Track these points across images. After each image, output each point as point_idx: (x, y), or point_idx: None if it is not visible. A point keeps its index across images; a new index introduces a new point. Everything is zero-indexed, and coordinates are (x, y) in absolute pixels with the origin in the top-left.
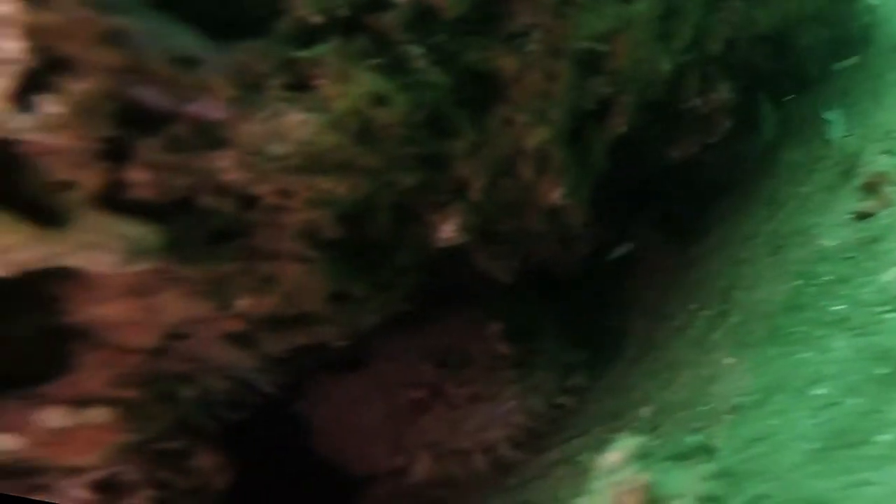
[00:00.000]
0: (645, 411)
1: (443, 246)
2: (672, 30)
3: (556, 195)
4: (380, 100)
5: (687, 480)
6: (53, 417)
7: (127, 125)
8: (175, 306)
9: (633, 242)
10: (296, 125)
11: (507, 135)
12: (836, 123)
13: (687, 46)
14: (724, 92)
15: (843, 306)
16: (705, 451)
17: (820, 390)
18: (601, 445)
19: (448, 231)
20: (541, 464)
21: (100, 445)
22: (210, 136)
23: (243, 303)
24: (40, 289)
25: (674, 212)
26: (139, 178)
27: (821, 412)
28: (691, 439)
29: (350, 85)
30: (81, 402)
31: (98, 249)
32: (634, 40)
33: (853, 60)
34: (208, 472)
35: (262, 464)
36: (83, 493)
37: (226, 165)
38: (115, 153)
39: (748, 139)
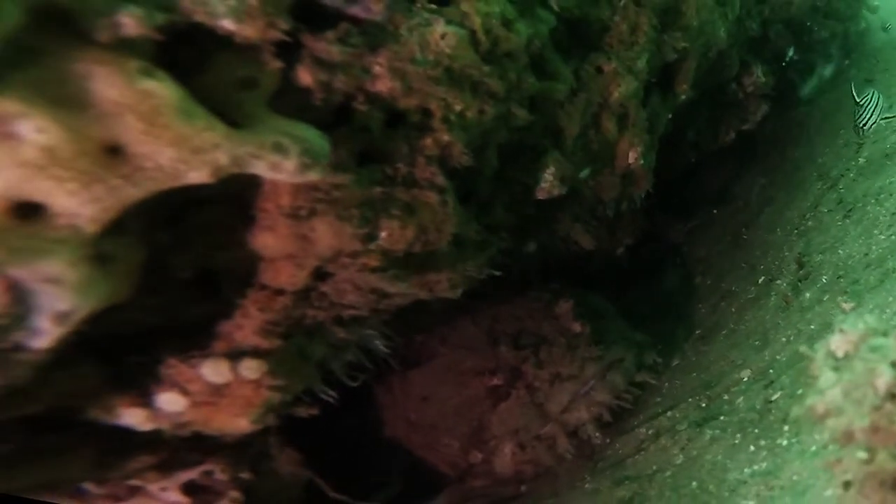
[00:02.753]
0: (745, 373)
1: (541, 198)
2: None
3: (633, 155)
4: (506, 23)
5: None
6: (216, 372)
7: (298, 21)
8: (327, 234)
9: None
10: (440, 37)
11: (598, 83)
12: (873, 105)
13: (735, 19)
14: (759, 75)
15: None
16: None
17: None
18: (701, 417)
19: (548, 178)
20: (630, 442)
21: (252, 405)
22: (368, 39)
23: (384, 234)
24: (203, 217)
25: (713, 196)
26: (306, 80)
27: None
28: None
29: (485, 3)
30: (235, 354)
31: (282, 152)
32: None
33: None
34: (288, 471)
35: (333, 464)
36: (175, 496)
37: (379, 72)
38: (287, 52)
39: (781, 122)
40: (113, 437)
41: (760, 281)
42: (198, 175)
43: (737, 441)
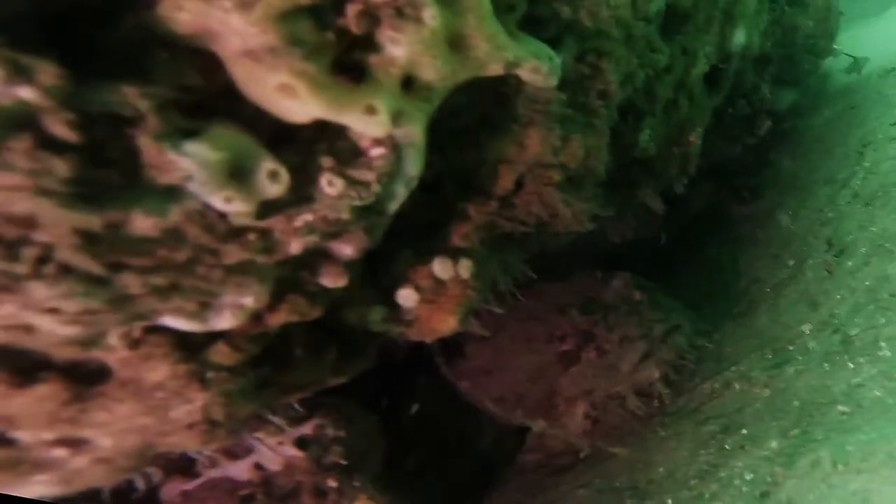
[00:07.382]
0: (806, 327)
1: (637, 155)
2: (760, 9)
3: (693, 136)
4: None
5: None
6: (443, 268)
7: None
8: (535, 143)
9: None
10: None
11: (683, 62)
12: None
13: (763, 31)
14: (766, 92)
15: None
16: None
17: None
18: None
19: (646, 138)
20: (697, 397)
21: (459, 304)
22: None
23: (567, 150)
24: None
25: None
26: (544, 12)
27: None
28: None
29: None
30: (452, 253)
31: (539, 58)
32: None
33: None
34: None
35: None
36: (291, 450)
37: (583, 13)
38: None
39: (774, 140)
40: (343, 341)
41: (791, 263)
42: (494, 67)
43: (826, 368)
